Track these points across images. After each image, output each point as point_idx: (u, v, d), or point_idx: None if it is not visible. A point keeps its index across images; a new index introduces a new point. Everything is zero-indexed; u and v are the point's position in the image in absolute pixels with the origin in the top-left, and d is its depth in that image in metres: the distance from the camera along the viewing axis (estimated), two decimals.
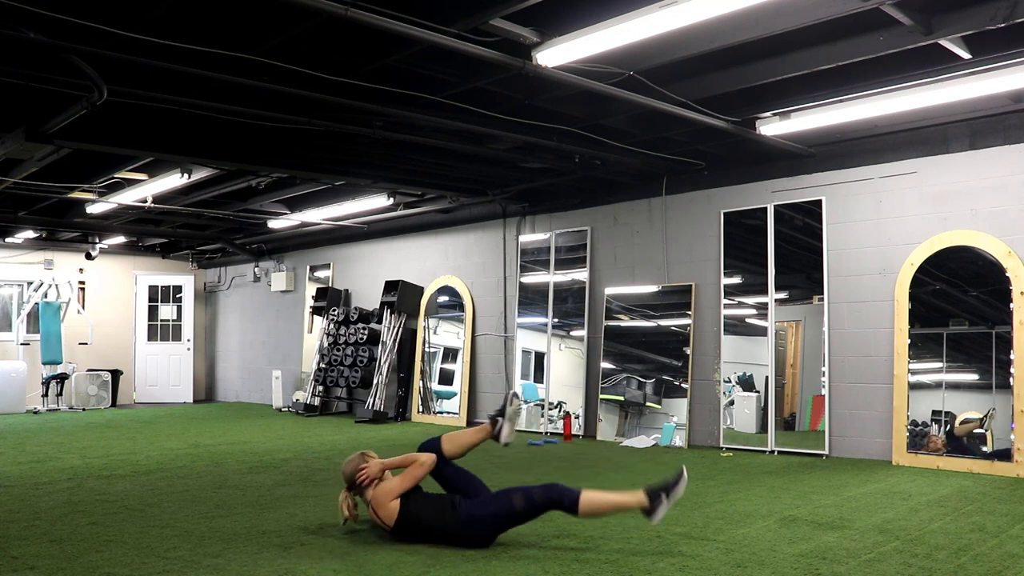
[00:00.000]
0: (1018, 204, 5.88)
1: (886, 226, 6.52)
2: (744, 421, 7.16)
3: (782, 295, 7.08)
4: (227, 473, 6.11)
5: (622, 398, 7.97)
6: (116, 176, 7.81)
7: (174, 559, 3.66)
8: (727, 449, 7.10)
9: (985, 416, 5.82)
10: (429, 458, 3.91)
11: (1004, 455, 5.67)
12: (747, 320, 7.29)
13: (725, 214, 7.48)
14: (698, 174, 7.68)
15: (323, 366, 10.85)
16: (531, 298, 9.05)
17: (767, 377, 7.04)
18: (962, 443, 5.89)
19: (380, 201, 9.08)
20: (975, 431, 5.86)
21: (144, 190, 8.32)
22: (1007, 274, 5.83)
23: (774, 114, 6.01)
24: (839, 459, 6.47)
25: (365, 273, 11.28)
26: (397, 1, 4.06)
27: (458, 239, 10.02)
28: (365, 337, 10.44)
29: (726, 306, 7.40)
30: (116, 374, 12.80)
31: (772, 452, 6.85)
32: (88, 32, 4.17)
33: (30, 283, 12.66)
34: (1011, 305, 5.80)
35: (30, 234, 11.58)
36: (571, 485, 3.77)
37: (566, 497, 3.70)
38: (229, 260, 13.82)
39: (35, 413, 11.54)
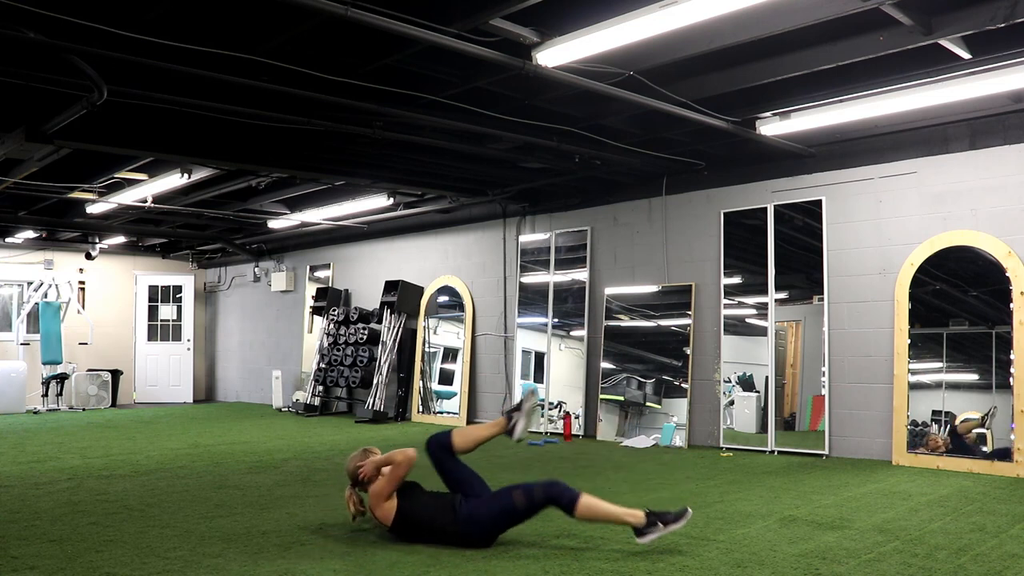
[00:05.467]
0: (1018, 204, 5.88)
1: (886, 226, 6.52)
2: (744, 421, 7.16)
3: (782, 295, 7.08)
4: (227, 473, 6.11)
5: (622, 398, 7.97)
6: (116, 176, 7.81)
7: (174, 559, 3.66)
8: (727, 449, 7.09)
9: (986, 415, 5.81)
10: (405, 455, 3.83)
11: (1004, 454, 5.67)
12: (747, 320, 7.29)
13: (725, 214, 7.48)
14: (698, 174, 7.68)
15: (323, 366, 10.85)
16: (531, 298, 9.05)
17: (767, 377, 7.03)
18: (963, 443, 5.88)
19: (380, 201, 9.08)
20: (976, 430, 5.85)
21: (144, 190, 8.32)
22: (1007, 274, 5.83)
23: (774, 114, 6.01)
24: (839, 459, 6.47)
25: (365, 273, 11.28)
26: (397, 1, 4.06)
27: (458, 239, 10.02)
28: (365, 337, 10.44)
29: (726, 306, 7.40)
30: (116, 374, 12.80)
31: (772, 452, 6.85)
32: (88, 32, 4.17)
33: (30, 283, 12.66)
34: (1011, 305, 5.80)
35: (30, 234, 11.58)
36: (572, 486, 3.77)
37: (565, 495, 3.70)
38: (229, 260, 13.82)
39: (35, 413, 11.53)
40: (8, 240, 11.85)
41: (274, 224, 10.70)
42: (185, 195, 8.74)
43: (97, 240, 12.30)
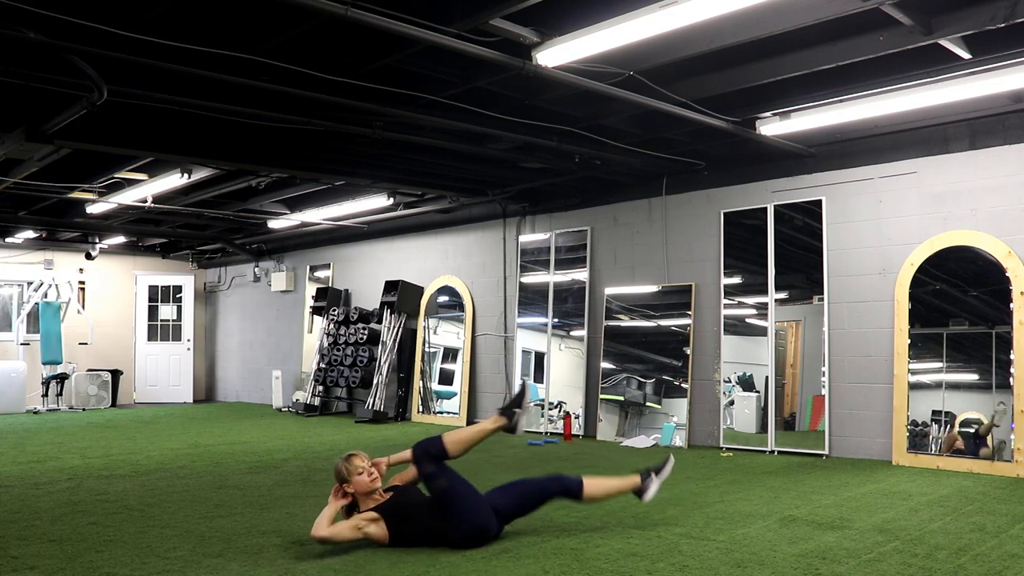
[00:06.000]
0: (1018, 204, 5.88)
1: (886, 226, 6.52)
2: (744, 421, 7.16)
3: (782, 295, 7.08)
4: (227, 473, 6.11)
5: (622, 398, 7.97)
6: (116, 176, 7.81)
7: (174, 559, 3.66)
8: (727, 449, 7.09)
9: (994, 416, 5.78)
10: (313, 534, 3.70)
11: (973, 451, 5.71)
12: (747, 320, 7.29)
13: (725, 214, 7.48)
14: (698, 174, 7.68)
15: (323, 366, 10.85)
16: (531, 298, 9.05)
17: (767, 377, 7.03)
18: (983, 445, 5.84)
19: (380, 201, 9.08)
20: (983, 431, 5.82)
21: (144, 190, 8.32)
22: (1007, 274, 5.83)
23: (774, 114, 6.01)
24: (839, 459, 6.47)
25: (365, 273, 11.28)
26: (397, 1, 4.06)
27: (458, 239, 10.02)
28: (365, 337, 10.44)
29: (726, 306, 7.40)
30: (116, 374, 12.79)
31: (772, 452, 6.85)
32: (88, 32, 4.17)
33: (30, 283, 12.66)
34: (1011, 305, 5.80)
35: (30, 234, 11.58)
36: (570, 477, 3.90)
37: (572, 485, 4.02)
38: (229, 260, 13.82)
39: (35, 413, 11.53)
40: (8, 240, 11.85)
41: (274, 224, 10.70)
42: (185, 195, 8.74)
43: (97, 240, 12.30)
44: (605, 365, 8.17)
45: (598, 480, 4.15)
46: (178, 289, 13.88)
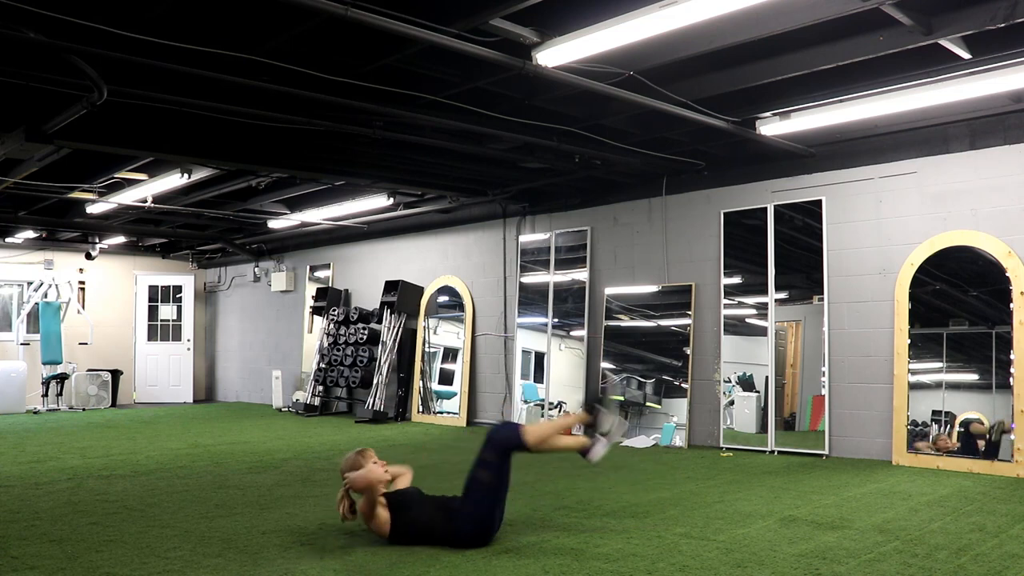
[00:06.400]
0: (1018, 204, 5.88)
1: (886, 226, 6.52)
2: (744, 421, 7.16)
3: (782, 295, 7.08)
4: (227, 473, 6.11)
5: (622, 398, 7.97)
6: (116, 176, 7.81)
7: (174, 559, 3.66)
8: (727, 449, 7.09)
9: (993, 427, 5.76)
10: (365, 479, 3.75)
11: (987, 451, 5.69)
12: (747, 320, 7.29)
13: (725, 214, 7.48)
14: (698, 174, 7.68)
15: (323, 366, 10.85)
16: (531, 298, 9.05)
17: (767, 377, 7.03)
18: (972, 444, 5.85)
19: (380, 201, 9.08)
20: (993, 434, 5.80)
21: (144, 190, 8.32)
22: (1007, 274, 5.83)
23: (774, 114, 6.01)
24: (839, 459, 6.47)
25: (365, 273, 11.28)
26: (397, 1, 4.07)
27: (458, 239, 10.02)
28: (365, 337, 10.44)
29: (726, 306, 7.40)
30: (116, 374, 12.79)
31: (772, 452, 6.85)
32: (88, 32, 4.17)
33: (30, 283, 12.67)
34: (1011, 305, 5.80)
35: (30, 234, 11.58)
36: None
37: (513, 439, 3.88)
38: (229, 260, 13.83)
39: (35, 413, 11.53)
40: (8, 240, 11.85)
41: (274, 224, 10.70)
42: (185, 195, 8.74)
43: (97, 240, 12.30)
44: (605, 365, 8.16)
45: (542, 429, 3.98)
46: (178, 289, 13.88)
